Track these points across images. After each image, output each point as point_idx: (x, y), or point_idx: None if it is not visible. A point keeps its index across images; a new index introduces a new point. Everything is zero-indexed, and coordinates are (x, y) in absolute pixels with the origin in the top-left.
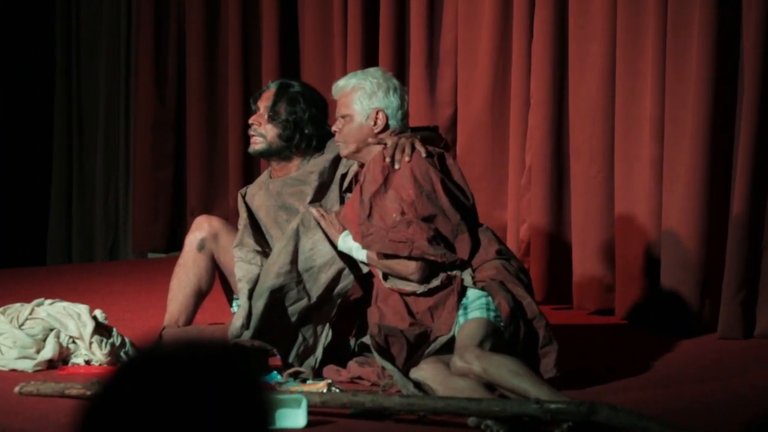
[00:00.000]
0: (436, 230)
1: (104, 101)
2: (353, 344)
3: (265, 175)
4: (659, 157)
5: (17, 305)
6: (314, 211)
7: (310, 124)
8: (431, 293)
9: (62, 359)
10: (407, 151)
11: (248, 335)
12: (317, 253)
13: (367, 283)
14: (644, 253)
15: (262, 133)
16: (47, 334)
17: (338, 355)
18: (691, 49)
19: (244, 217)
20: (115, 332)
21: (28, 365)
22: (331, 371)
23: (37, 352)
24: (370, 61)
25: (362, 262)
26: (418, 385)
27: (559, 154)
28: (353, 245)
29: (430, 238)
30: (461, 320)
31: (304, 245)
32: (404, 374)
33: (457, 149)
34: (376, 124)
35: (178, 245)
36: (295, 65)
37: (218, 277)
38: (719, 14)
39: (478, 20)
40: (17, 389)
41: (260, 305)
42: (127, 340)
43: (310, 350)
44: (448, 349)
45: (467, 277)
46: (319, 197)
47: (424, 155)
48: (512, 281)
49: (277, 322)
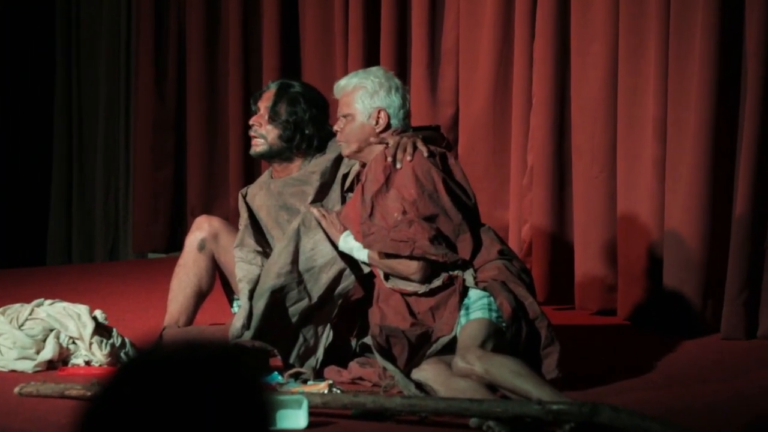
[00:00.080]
0: (437, 230)
1: (104, 101)
2: (354, 345)
3: (266, 175)
4: (661, 157)
5: (17, 306)
6: (315, 211)
7: (310, 124)
8: (433, 293)
9: (62, 360)
10: (409, 150)
11: (249, 336)
12: (318, 253)
13: (368, 283)
14: (647, 253)
15: (262, 134)
16: (47, 334)
17: (339, 355)
18: (693, 49)
19: (245, 217)
20: (115, 333)
21: (27, 366)
22: (332, 372)
23: (36, 352)
24: (371, 60)
25: (363, 262)
26: (419, 385)
27: (561, 153)
28: (354, 245)
29: (431, 237)
30: (463, 321)
31: (305, 245)
32: (406, 375)
33: (458, 149)
34: (377, 123)
35: (178, 245)
36: (295, 64)
37: (219, 277)
38: (722, 15)
39: (479, 19)
40: (17, 390)
41: (261, 305)
42: (127, 340)
43: (311, 351)
44: (449, 349)
45: (469, 277)
46: (320, 197)
47: (426, 155)
48: (514, 281)
49: (277, 322)
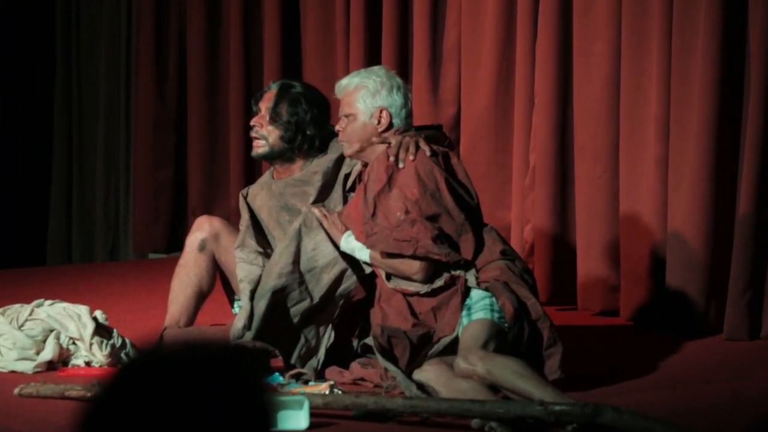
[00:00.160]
0: (440, 229)
1: (104, 101)
2: (356, 345)
3: (267, 175)
4: (664, 157)
5: (17, 306)
6: (316, 211)
7: (312, 124)
8: (435, 293)
9: (62, 361)
10: (411, 149)
11: (250, 336)
12: (319, 253)
13: (369, 284)
14: (649, 253)
15: (263, 134)
16: (47, 335)
17: (341, 356)
18: (696, 49)
19: (246, 218)
20: (115, 333)
21: (27, 366)
22: (333, 373)
23: (36, 353)
24: (372, 60)
25: (365, 262)
26: (421, 386)
27: (563, 153)
28: (356, 245)
29: (434, 237)
30: (465, 321)
31: (306, 245)
32: (407, 376)
33: (460, 149)
34: (379, 122)
35: (178, 246)
36: (296, 64)
37: (219, 277)
38: (725, 14)
39: (481, 19)
40: (17, 391)
41: (262, 306)
42: (127, 341)
43: (312, 351)
44: (451, 350)
45: (471, 277)
46: (322, 198)
47: (428, 154)
48: (516, 282)
49: (279, 323)
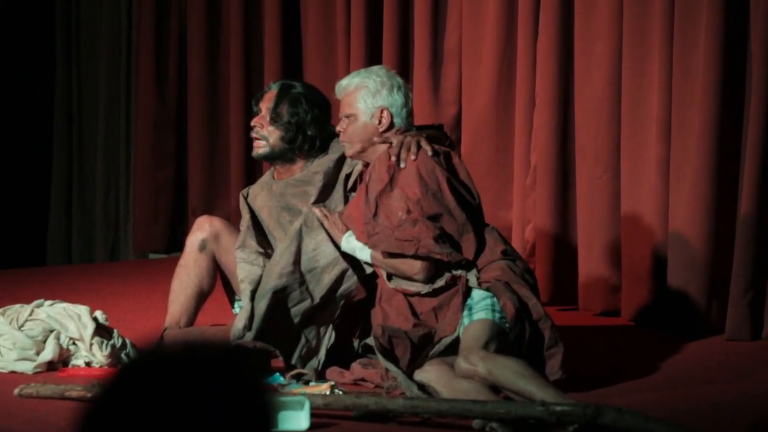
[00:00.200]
0: (441, 229)
1: (104, 101)
2: (357, 346)
3: (267, 175)
4: (666, 157)
5: (17, 306)
6: (317, 211)
7: (312, 125)
8: (436, 293)
9: (62, 361)
10: (413, 149)
11: (250, 336)
12: (320, 253)
13: (370, 284)
14: (651, 253)
15: (264, 135)
16: (47, 335)
17: (341, 356)
18: (698, 49)
19: (246, 218)
20: (115, 334)
21: (27, 367)
22: (334, 373)
23: (37, 353)
24: (373, 59)
25: (366, 262)
26: (422, 387)
27: (564, 153)
28: (356, 245)
29: (436, 236)
30: (466, 321)
31: (307, 246)
32: (408, 376)
33: (461, 148)
34: (380, 122)
35: (179, 246)
36: (297, 64)
37: (220, 277)
38: (726, 14)
39: (482, 19)
40: (17, 391)
41: (263, 306)
42: (128, 341)
43: (312, 352)
44: (452, 350)
45: (472, 277)
46: (323, 198)
47: (430, 154)
48: (518, 282)
49: (279, 323)
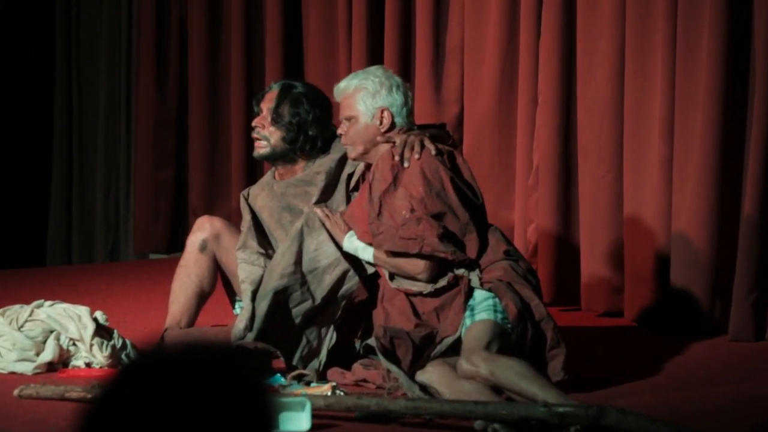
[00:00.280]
0: (445, 228)
1: (104, 101)
2: (358, 346)
3: (268, 175)
4: (669, 156)
5: (17, 307)
6: (319, 211)
7: (314, 125)
8: (438, 294)
9: (62, 362)
10: (416, 148)
11: (251, 337)
12: (322, 254)
13: (372, 285)
14: (654, 254)
15: (265, 135)
16: (47, 336)
17: (343, 357)
18: (701, 48)
19: (247, 219)
20: (116, 334)
21: (27, 368)
22: (335, 374)
23: (36, 354)
24: (375, 59)
25: (368, 262)
26: (423, 387)
27: (567, 153)
28: (359, 245)
29: (440, 235)
30: (468, 322)
31: (308, 246)
32: (410, 377)
33: (463, 148)
34: (382, 123)
35: (179, 246)
36: (298, 63)
37: (220, 278)
38: (729, 14)
39: (484, 17)
40: (16, 392)
41: (264, 307)
42: (128, 342)
43: (314, 352)
44: (454, 351)
45: (474, 277)
46: (325, 198)
47: (433, 153)
48: (520, 282)
49: (280, 323)
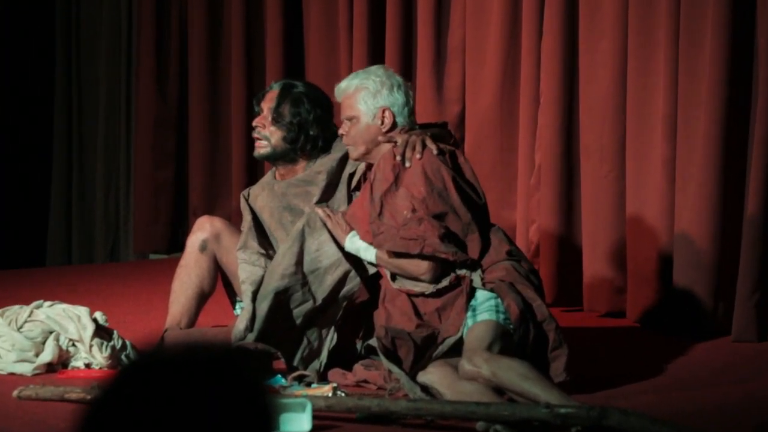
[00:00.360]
0: (447, 228)
1: (104, 101)
2: (360, 347)
3: (269, 175)
4: (671, 156)
5: (16, 307)
6: (320, 211)
7: (314, 125)
8: (439, 294)
9: (62, 362)
10: (418, 148)
11: (252, 338)
12: (323, 254)
13: (373, 285)
14: (656, 254)
15: (266, 135)
16: (46, 336)
17: (344, 358)
18: (704, 47)
19: (248, 219)
20: (115, 335)
21: (26, 369)
22: (336, 375)
23: (36, 355)
24: (376, 58)
25: (370, 262)
26: (425, 388)
27: (569, 153)
28: (361, 245)
29: (441, 235)
30: (470, 322)
31: (309, 246)
32: (411, 377)
33: (465, 147)
34: (383, 123)
35: (179, 246)
36: (299, 63)
37: (221, 278)
38: (733, 13)
39: (486, 17)
40: (16, 393)
41: (264, 307)
42: (128, 342)
43: (314, 353)
44: (456, 352)
45: (476, 278)
46: (326, 197)
47: (435, 152)
48: (522, 283)
49: (281, 324)
